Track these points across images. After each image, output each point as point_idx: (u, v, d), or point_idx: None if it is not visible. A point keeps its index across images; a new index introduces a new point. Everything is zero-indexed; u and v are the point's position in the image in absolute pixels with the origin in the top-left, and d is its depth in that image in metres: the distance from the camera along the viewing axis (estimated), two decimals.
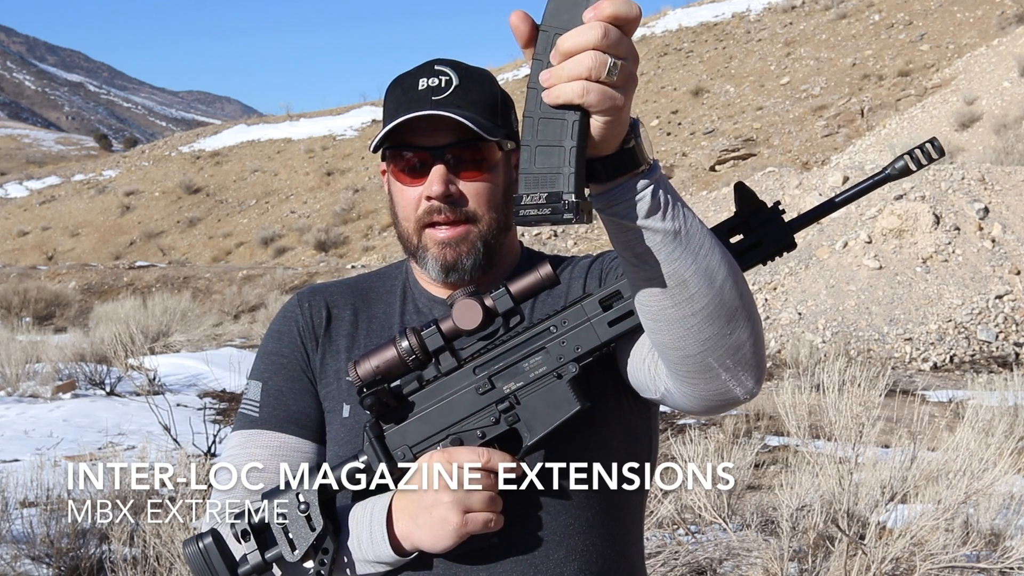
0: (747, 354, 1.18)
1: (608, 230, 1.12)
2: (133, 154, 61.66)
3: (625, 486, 1.45)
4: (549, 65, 1.00)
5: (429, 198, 1.41)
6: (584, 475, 1.39)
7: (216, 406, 9.20)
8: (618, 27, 0.98)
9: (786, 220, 1.32)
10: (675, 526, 4.98)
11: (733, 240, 1.31)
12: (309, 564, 1.32)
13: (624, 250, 1.12)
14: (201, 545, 1.32)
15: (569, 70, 0.98)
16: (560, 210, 1.00)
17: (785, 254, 1.33)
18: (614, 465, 1.43)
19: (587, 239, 22.14)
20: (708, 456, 5.36)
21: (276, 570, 1.36)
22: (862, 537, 4.30)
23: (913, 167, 1.27)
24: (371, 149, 1.45)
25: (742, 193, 1.30)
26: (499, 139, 1.42)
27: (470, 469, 1.29)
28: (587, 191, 1.08)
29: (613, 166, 1.06)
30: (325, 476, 1.35)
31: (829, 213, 1.33)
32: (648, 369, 1.29)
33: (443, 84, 1.42)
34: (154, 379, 9.89)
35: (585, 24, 0.98)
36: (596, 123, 1.00)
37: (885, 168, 1.30)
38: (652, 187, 1.07)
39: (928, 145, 1.26)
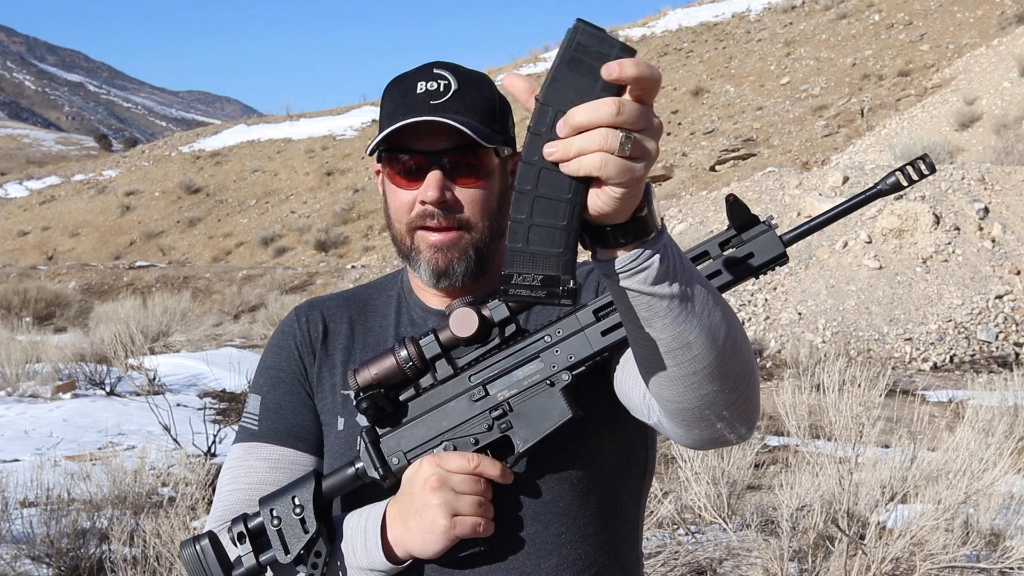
0: (743, 406, 1.19)
1: (612, 293, 1.10)
2: (133, 154, 61.69)
3: (619, 495, 1.45)
4: (551, 138, 0.96)
5: (423, 202, 1.41)
6: (576, 484, 1.39)
7: (216, 406, 9.19)
8: (640, 91, 0.94)
9: (779, 234, 1.33)
10: (675, 526, 4.98)
11: (726, 253, 1.32)
12: (301, 570, 1.32)
13: (628, 312, 1.10)
14: (198, 547, 1.34)
15: (579, 146, 0.94)
16: (557, 295, 1.00)
17: (777, 267, 1.34)
18: (608, 475, 1.43)
19: None
20: (708, 456, 5.36)
21: (270, 574, 1.37)
22: (862, 537, 4.30)
23: (904, 183, 1.29)
24: (367, 152, 1.45)
25: (734, 206, 1.30)
26: (496, 146, 1.42)
27: (460, 474, 1.30)
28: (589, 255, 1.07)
29: (624, 234, 1.03)
30: (321, 481, 1.36)
31: (822, 228, 1.34)
32: (642, 398, 1.29)
33: (442, 88, 1.41)
34: (154, 379, 9.89)
35: (597, 100, 0.93)
36: (612, 194, 0.96)
37: (876, 184, 1.32)
38: (660, 254, 1.04)
39: (920, 162, 1.28)
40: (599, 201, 0.97)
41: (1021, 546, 4.23)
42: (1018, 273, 12.67)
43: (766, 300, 13.12)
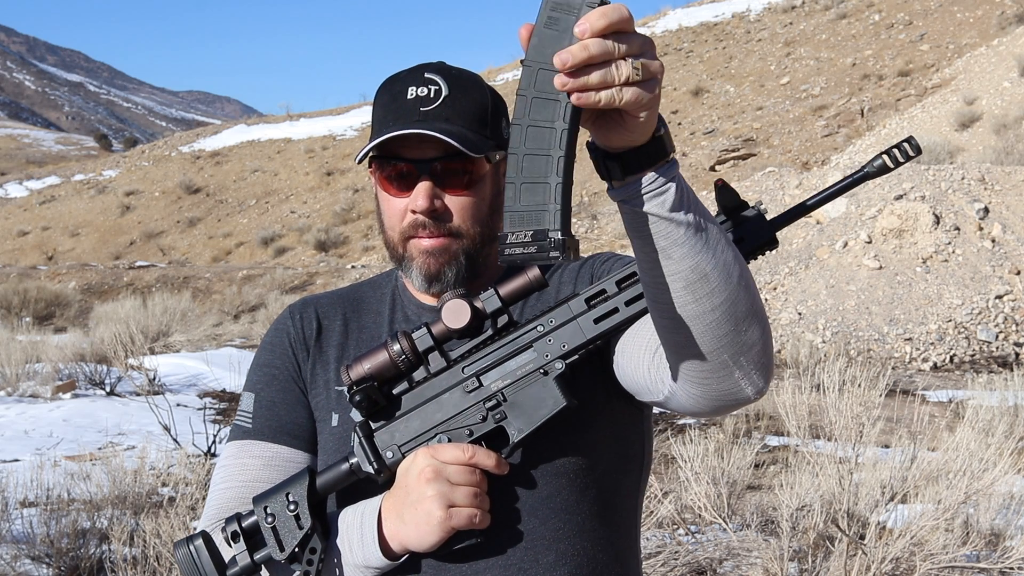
0: (759, 352, 1.18)
1: (630, 224, 1.10)
2: (133, 154, 61.67)
3: (617, 491, 1.45)
4: (536, 99, 0.99)
5: (414, 211, 1.42)
6: (574, 479, 1.39)
7: (216, 406, 9.20)
8: (616, 32, 0.96)
9: (768, 218, 1.33)
10: (675, 526, 4.98)
11: None
12: (296, 568, 1.32)
13: (646, 244, 1.10)
14: (191, 547, 1.34)
15: (596, 80, 0.96)
16: (546, 248, 0.99)
17: (769, 252, 1.35)
18: (605, 470, 1.43)
19: (587, 239, 22.15)
20: (708, 456, 5.36)
21: (265, 572, 1.36)
22: (862, 537, 4.30)
23: (891, 165, 1.30)
24: (356, 161, 1.46)
25: (723, 191, 1.31)
26: (487, 152, 1.42)
27: (455, 465, 1.29)
28: (611, 186, 1.07)
29: (646, 155, 1.04)
30: (315, 477, 1.36)
31: (810, 211, 1.35)
32: (648, 372, 1.29)
33: (432, 94, 1.42)
34: (154, 379, 9.89)
35: (581, 43, 0.95)
36: (634, 121, 1.00)
37: (863, 166, 1.33)
38: (676, 180, 1.06)
39: (905, 144, 1.29)
40: (623, 127, 1.00)
41: (1021, 546, 4.23)
42: (1018, 273, 12.67)
43: (766, 300, 13.12)
